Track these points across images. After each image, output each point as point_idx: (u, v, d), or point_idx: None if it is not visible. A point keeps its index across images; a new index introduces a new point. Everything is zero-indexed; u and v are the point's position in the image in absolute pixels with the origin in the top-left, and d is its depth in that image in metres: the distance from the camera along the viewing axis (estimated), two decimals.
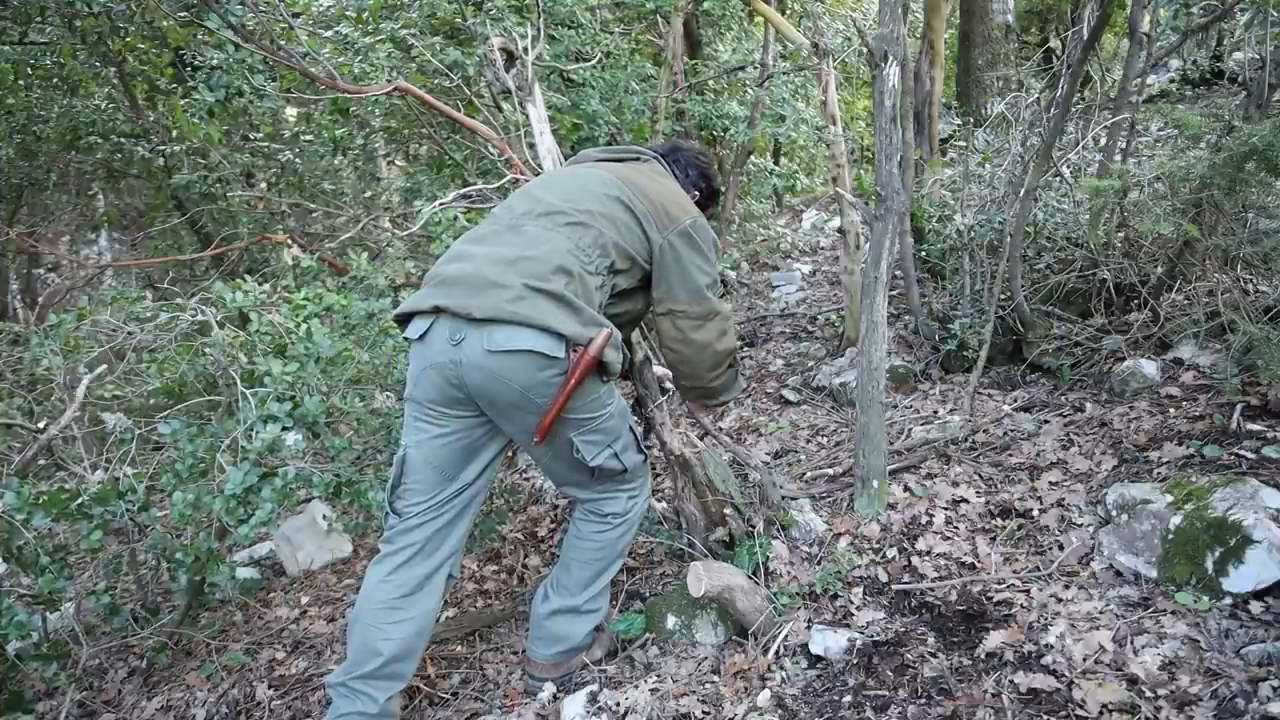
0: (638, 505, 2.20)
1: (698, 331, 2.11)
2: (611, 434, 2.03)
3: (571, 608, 2.18)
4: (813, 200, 9.34)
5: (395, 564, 2.00)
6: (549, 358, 1.80)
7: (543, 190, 2.05)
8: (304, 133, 6.45)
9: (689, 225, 2.08)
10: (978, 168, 4.37)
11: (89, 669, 2.65)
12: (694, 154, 2.39)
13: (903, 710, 1.83)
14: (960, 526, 2.50)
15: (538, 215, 1.95)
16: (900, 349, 3.95)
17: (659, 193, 2.10)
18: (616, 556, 2.22)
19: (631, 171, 2.15)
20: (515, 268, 1.83)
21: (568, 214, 1.95)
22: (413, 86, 3.16)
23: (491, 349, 1.79)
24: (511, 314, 1.78)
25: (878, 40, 2.44)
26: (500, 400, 1.85)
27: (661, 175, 2.23)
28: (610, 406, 2.01)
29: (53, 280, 8.00)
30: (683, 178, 2.32)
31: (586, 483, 2.11)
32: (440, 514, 2.00)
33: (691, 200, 2.27)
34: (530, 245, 1.88)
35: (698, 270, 2.09)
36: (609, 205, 2.01)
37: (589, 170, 2.13)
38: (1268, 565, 1.92)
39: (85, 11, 4.94)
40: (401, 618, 1.98)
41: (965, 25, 7.57)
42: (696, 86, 5.63)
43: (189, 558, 2.43)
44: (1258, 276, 3.10)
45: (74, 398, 2.81)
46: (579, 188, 2.04)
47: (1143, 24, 3.55)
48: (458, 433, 1.95)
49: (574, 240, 1.92)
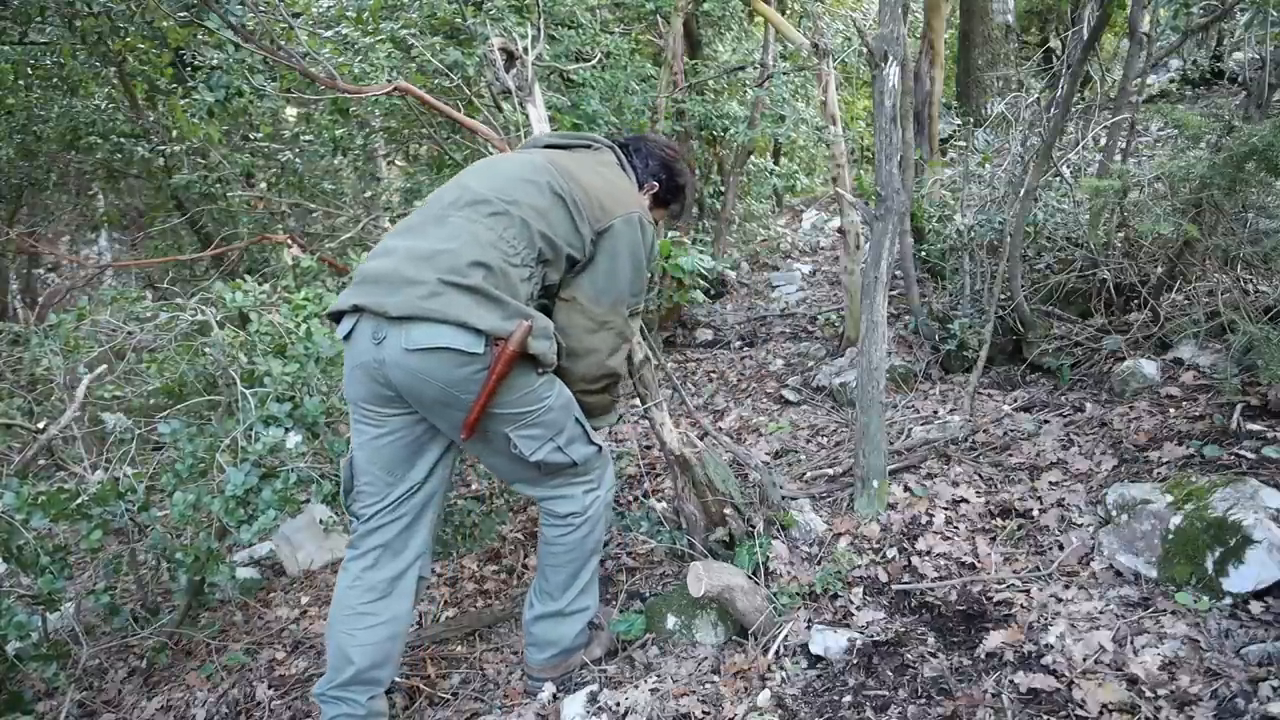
0: (598, 499, 2.14)
1: (591, 335, 2.00)
2: (552, 427, 1.97)
3: (556, 612, 2.17)
4: (813, 200, 9.34)
5: (362, 568, 1.98)
6: (467, 354, 1.76)
7: (474, 178, 1.98)
8: (304, 133, 6.44)
9: (620, 221, 1.98)
10: (978, 168, 4.37)
11: (89, 669, 2.65)
12: (659, 145, 2.30)
13: (903, 710, 1.83)
14: (960, 526, 2.50)
15: (464, 205, 1.89)
16: (900, 349, 3.94)
17: (597, 185, 2.00)
18: (589, 554, 2.17)
19: (574, 161, 2.06)
20: (432, 262, 1.79)
21: (493, 203, 1.88)
22: (413, 86, 3.16)
23: (409, 347, 1.76)
24: (426, 311, 1.74)
25: (878, 40, 2.44)
26: (426, 398, 1.83)
27: (608, 166, 2.13)
28: (548, 400, 1.95)
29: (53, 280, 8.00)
30: (641, 168, 2.23)
31: (536, 479, 2.06)
32: (398, 515, 1.98)
33: (645, 194, 2.21)
34: (450, 238, 1.83)
35: (619, 274, 1.99)
36: (538, 194, 1.92)
37: (526, 157, 2.04)
38: (1268, 565, 1.92)
39: (85, 11, 4.93)
40: (372, 623, 1.96)
41: (965, 25, 7.57)
42: (696, 86, 5.63)
43: (189, 558, 2.43)
44: (1258, 276, 3.10)
45: (74, 398, 2.81)
46: (511, 175, 1.96)
47: (1143, 24, 3.56)
48: (397, 431, 1.93)
49: (497, 231, 1.85)
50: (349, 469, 2.00)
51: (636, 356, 2.42)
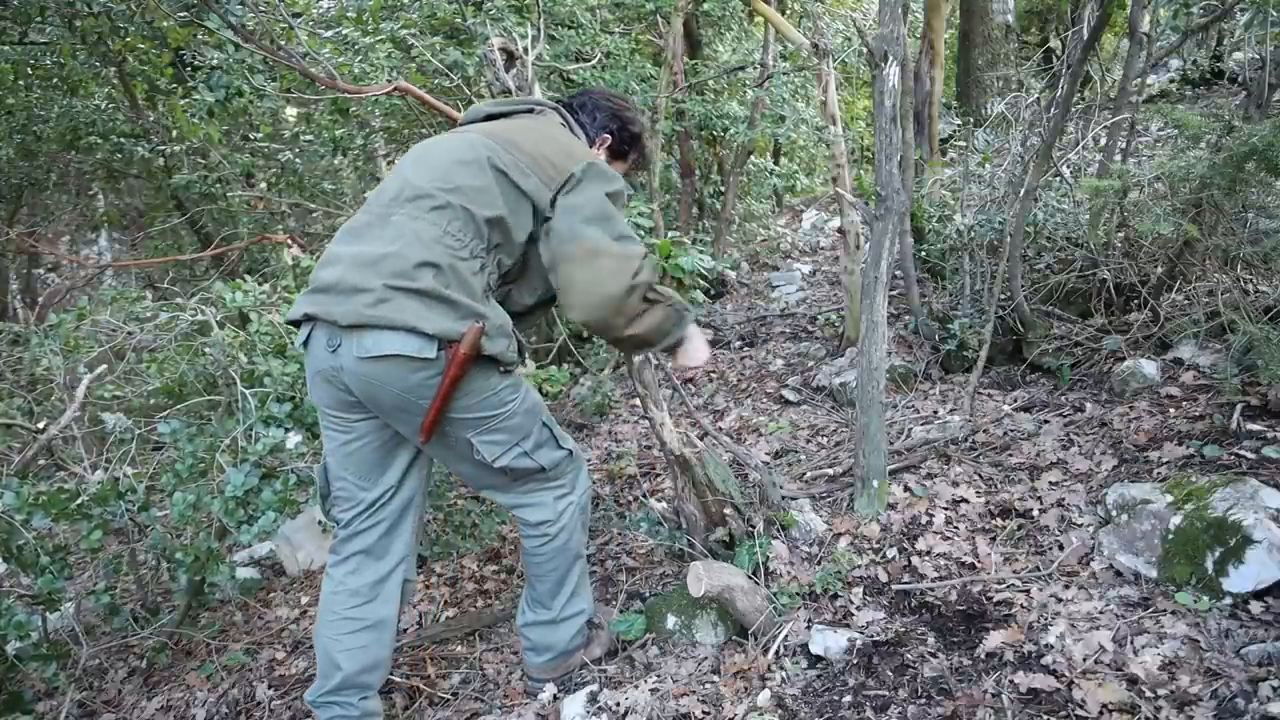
0: (571, 505, 2.10)
1: (584, 270, 1.81)
2: (517, 432, 1.93)
3: (548, 619, 2.16)
4: (813, 200, 9.35)
5: (344, 573, 1.97)
6: (419, 359, 1.72)
7: (413, 168, 1.90)
8: (304, 133, 6.45)
9: (578, 170, 1.87)
10: (978, 168, 4.37)
11: (89, 669, 2.65)
12: (605, 96, 2.20)
13: (903, 710, 1.83)
14: (960, 526, 2.50)
15: (405, 200, 1.83)
16: (900, 349, 3.94)
17: (540, 145, 1.90)
18: (572, 560, 2.14)
19: (512, 128, 1.96)
20: (378, 268, 1.74)
21: (433, 196, 1.81)
22: (413, 86, 3.16)
23: (361, 355, 1.73)
24: (374, 318, 1.71)
25: (878, 40, 2.44)
26: (384, 404, 1.80)
27: (552, 126, 2.03)
28: (512, 404, 1.90)
29: (53, 280, 8.01)
30: (590, 123, 2.15)
31: (505, 485, 2.03)
32: (376, 520, 1.96)
33: (599, 148, 2.15)
34: (395, 239, 1.77)
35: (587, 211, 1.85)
36: (478, 175, 1.83)
37: (461, 138, 1.94)
38: (1268, 565, 1.92)
39: (85, 11, 4.94)
40: (356, 628, 1.95)
41: (965, 25, 7.58)
42: (696, 86, 5.64)
43: (189, 558, 2.43)
44: (1258, 276, 3.10)
45: (74, 398, 2.81)
46: (447, 160, 1.87)
47: (1143, 24, 3.56)
48: (365, 436, 1.91)
49: (441, 226, 1.78)
50: (323, 475, 1.98)
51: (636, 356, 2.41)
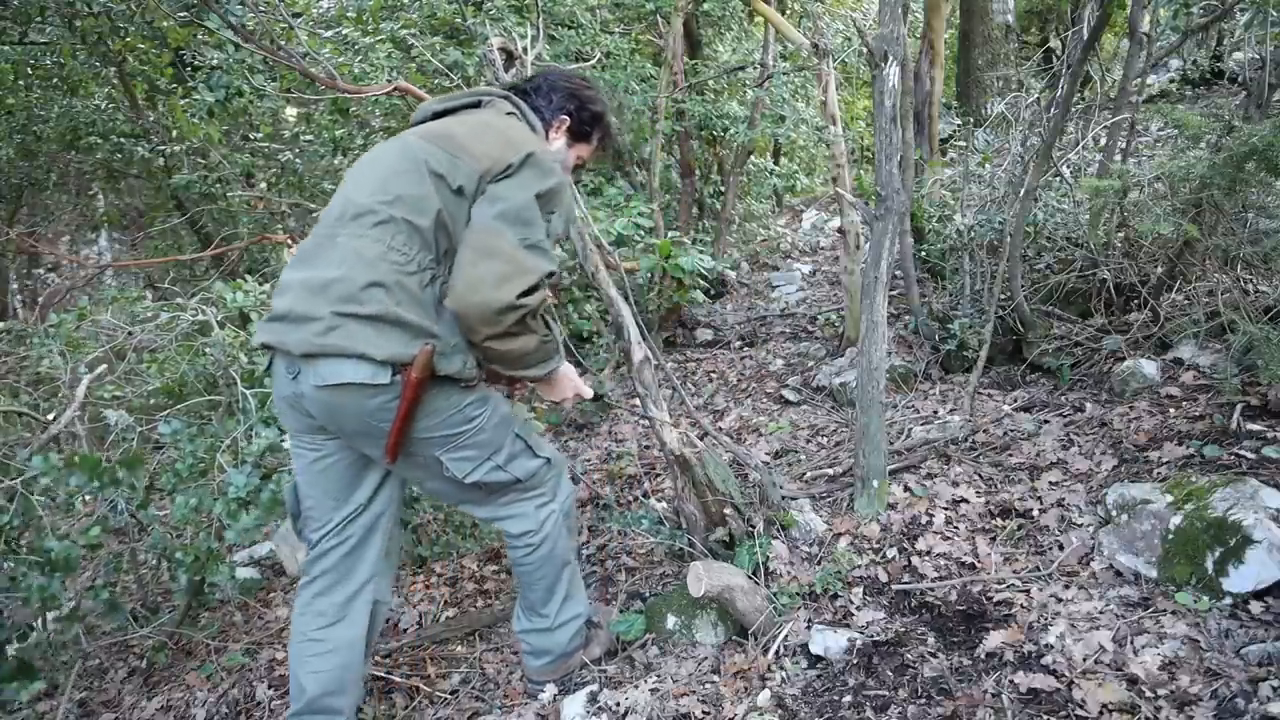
0: (553, 512, 2.07)
1: (472, 266, 1.72)
2: (487, 447, 1.90)
3: (543, 627, 2.15)
4: (813, 200, 9.35)
5: (312, 594, 1.95)
6: (374, 385, 1.70)
7: (354, 184, 1.84)
8: (304, 133, 6.45)
9: (518, 161, 1.78)
10: (978, 168, 4.37)
11: (89, 669, 2.65)
12: (560, 76, 2.10)
13: (903, 710, 1.83)
14: (960, 526, 2.50)
15: (350, 219, 1.77)
16: (900, 349, 3.95)
17: (480, 139, 1.81)
18: (560, 566, 2.11)
19: (452, 124, 1.88)
20: (326, 294, 1.70)
21: (376, 211, 1.75)
22: (413, 86, 3.16)
23: (318, 384, 1.71)
24: (325, 347, 1.68)
25: (878, 40, 2.44)
26: (347, 429, 1.79)
27: (497, 117, 1.92)
28: (479, 420, 1.86)
29: (53, 280, 8.00)
30: (545, 106, 2.04)
31: (482, 499, 2.00)
32: (344, 539, 1.94)
33: (558, 130, 2.05)
34: (340, 262, 1.72)
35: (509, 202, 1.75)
36: (416, 183, 1.76)
37: (399, 145, 1.86)
38: (1268, 565, 1.92)
39: (85, 11, 4.94)
40: (323, 650, 1.92)
41: (965, 25, 7.58)
42: (696, 86, 5.63)
43: (189, 557, 2.43)
44: (1258, 276, 3.10)
45: (75, 397, 2.81)
46: (387, 170, 1.81)
47: (1143, 24, 3.56)
48: (333, 455, 1.89)
49: (385, 242, 1.72)
50: (293, 495, 1.96)
51: (636, 357, 2.42)
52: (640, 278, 4.26)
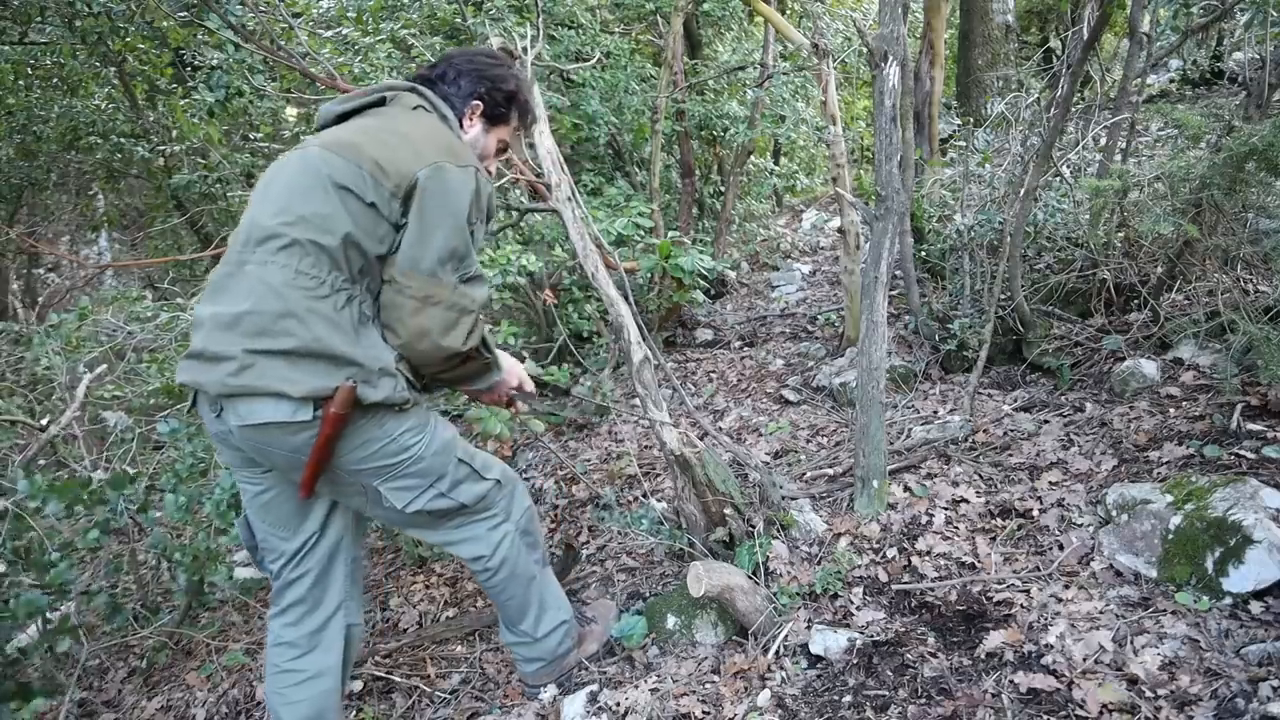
0: (506, 534, 2.02)
1: (415, 315, 1.70)
2: (428, 475, 1.84)
3: (527, 639, 2.14)
4: (813, 200, 9.35)
5: (282, 625, 1.91)
6: (296, 423, 1.64)
7: (258, 205, 1.74)
8: (304, 133, 6.45)
9: (423, 175, 1.68)
10: (978, 168, 4.37)
11: (89, 669, 2.65)
12: (467, 56, 1.95)
13: (903, 710, 1.83)
14: (960, 526, 2.50)
15: (255, 244, 1.68)
16: (900, 349, 3.95)
17: (390, 146, 1.70)
18: (527, 583, 2.07)
19: (355, 130, 1.77)
20: (236, 330, 1.63)
21: (279, 235, 1.66)
22: None
23: (239, 424, 1.66)
24: (239, 387, 1.61)
25: (878, 40, 2.44)
26: (279, 464, 1.74)
27: (405, 116, 1.81)
28: (416, 448, 1.79)
29: (53, 280, 8.00)
30: (455, 93, 1.90)
31: (429, 524, 1.94)
32: (304, 570, 1.89)
33: (471, 117, 1.92)
34: (249, 293, 1.64)
35: (430, 235, 1.69)
36: (321, 200, 1.66)
37: (300, 158, 1.74)
38: (1268, 565, 1.92)
39: (85, 11, 4.94)
40: (298, 680, 1.89)
41: (965, 25, 7.57)
42: (696, 86, 5.64)
43: (188, 557, 2.44)
44: (1258, 276, 3.10)
45: (74, 397, 2.81)
46: (288, 187, 1.70)
47: (1143, 24, 3.56)
48: (274, 488, 1.83)
49: (292, 266, 1.64)
50: (245, 527, 1.92)
51: (636, 357, 2.42)
52: (640, 278, 4.26)
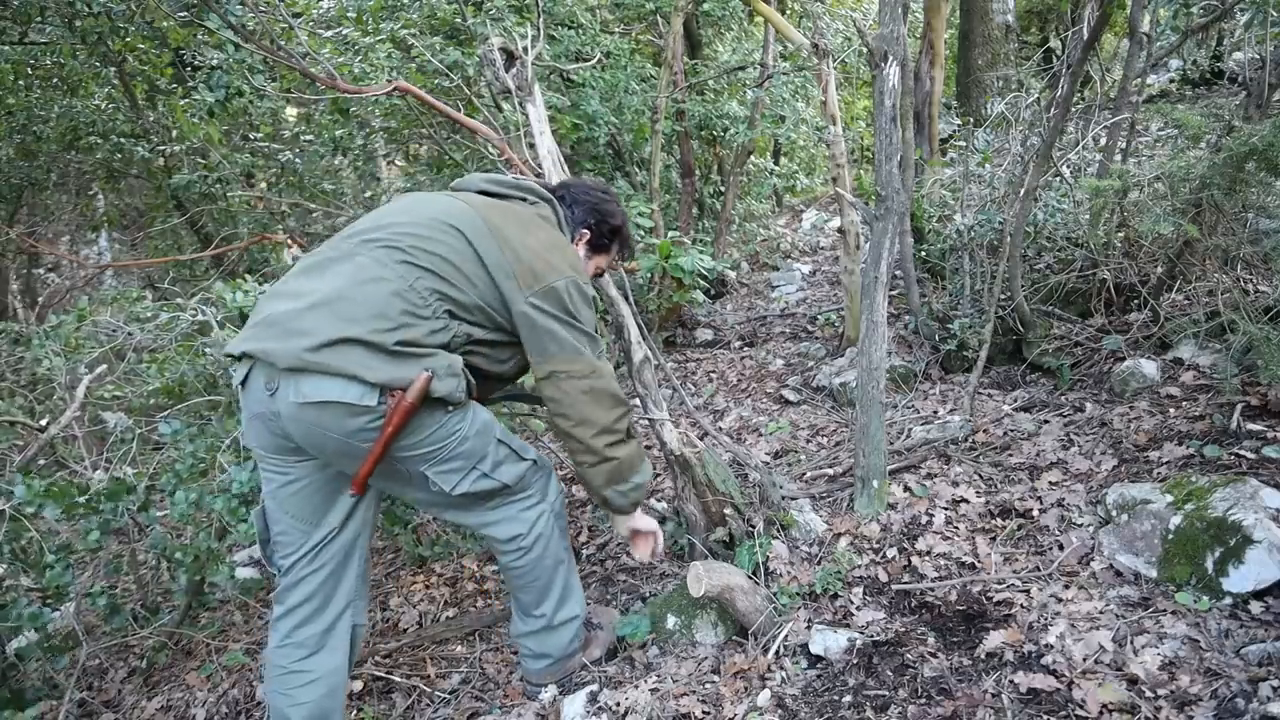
0: (543, 514, 2.06)
1: (585, 393, 1.91)
2: (472, 456, 1.88)
3: (542, 627, 2.13)
4: (813, 200, 9.35)
5: (291, 625, 1.90)
6: (360, 406, 1.67)
7: (396, 215, 1.87)
8: (304, 133, 6.46)
9: (558, 284, 1.88)
10: (978, 168, 4.37)
11: (89, 669, 2.65)
12: (584, 188, 2.20)
13: (903, 710, 1.83)
14: (960, 526, 2.50)
15: (378, 245, 1.79)
16: (900, 349, 3.95)
17: (530, 245, 1.89)
18: (554, 566, 2.09)
19: (507, 217, 1.94)
20: (328, 310, 1.69)
21: (406, 252, 1.78)
22: (413, 86, 3.16)
23: (299, 401, 1.67)
24: (312, 364, 1.64)
25: (878, 40, 2.44)
26: (327, 448, 1.74)
27: (541, 223, 2.01)
28: (461, 429, 1.84)
29: (53, 280, 8.00)
30: (569, 217, 2.14)
31: (468, 506, 1.97)
32: (319, 565, 1.89)
33: (579, 243, 2.15)
34: (354, 283, 1.72)
35: (570, 328, 1.90)
36: (460, 252, 1.82)
37: (457, 206, 1.92)
38: (1268, 565, 1.92)
39: (85, 11, 4.94)
40: (306, 680, 1.89)
41: (965, 25, 7.57)
42: (696, 86, 5.64)
43: (189, 557, 2.43)
44: (1258, 276, 3.10)
45: (74, 398, 2.81)
46: (433, 219, 1.85)
47: (1143, 24, 3.55)
48: (304, 478, 1.84)
49: (407, 281, 1.75)
50: (261, 519, 1.91)
51: (636, 357, 2.41)
52: (640, 278, 4.26)
